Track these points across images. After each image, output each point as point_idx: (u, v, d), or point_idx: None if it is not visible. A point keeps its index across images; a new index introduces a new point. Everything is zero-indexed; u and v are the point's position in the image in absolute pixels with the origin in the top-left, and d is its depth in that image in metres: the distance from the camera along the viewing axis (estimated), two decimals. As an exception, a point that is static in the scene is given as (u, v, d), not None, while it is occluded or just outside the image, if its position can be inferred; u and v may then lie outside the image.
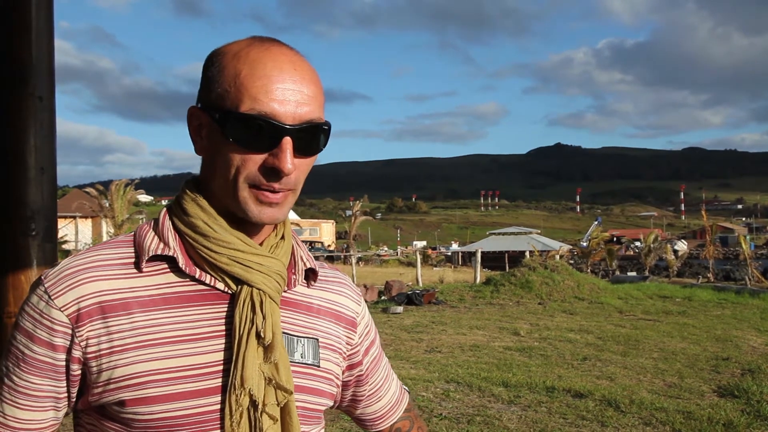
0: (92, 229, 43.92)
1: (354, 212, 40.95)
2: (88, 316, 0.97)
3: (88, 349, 0.97)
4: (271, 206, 0.99)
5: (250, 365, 0.97)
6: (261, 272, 1.02)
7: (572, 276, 18.43)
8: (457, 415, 6.14)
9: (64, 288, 0.98)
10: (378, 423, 1.32)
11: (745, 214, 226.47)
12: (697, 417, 6.00)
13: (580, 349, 9.83)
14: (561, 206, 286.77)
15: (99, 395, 0.99)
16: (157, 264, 1.02)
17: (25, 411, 1.00)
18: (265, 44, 1.00)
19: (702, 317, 13.60)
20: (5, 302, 2.21)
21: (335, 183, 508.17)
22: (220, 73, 0.98)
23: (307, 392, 1.08)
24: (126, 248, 1.04)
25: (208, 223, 1.01)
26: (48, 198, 2.26)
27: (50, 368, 0.98)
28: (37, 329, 0.98)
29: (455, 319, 13.24)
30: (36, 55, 2.22)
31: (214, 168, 1.01)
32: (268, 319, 1.00)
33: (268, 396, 0.99)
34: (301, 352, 1.09)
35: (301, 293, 1.14)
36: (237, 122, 0.95)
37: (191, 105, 1.05)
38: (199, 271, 1.02)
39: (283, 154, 0.96)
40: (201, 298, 1.02)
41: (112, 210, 28.74)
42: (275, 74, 0.96)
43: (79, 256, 1.03)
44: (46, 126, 2.24)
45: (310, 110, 0.98)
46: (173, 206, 1.07)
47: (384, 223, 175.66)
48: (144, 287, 1.00)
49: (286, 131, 0.96)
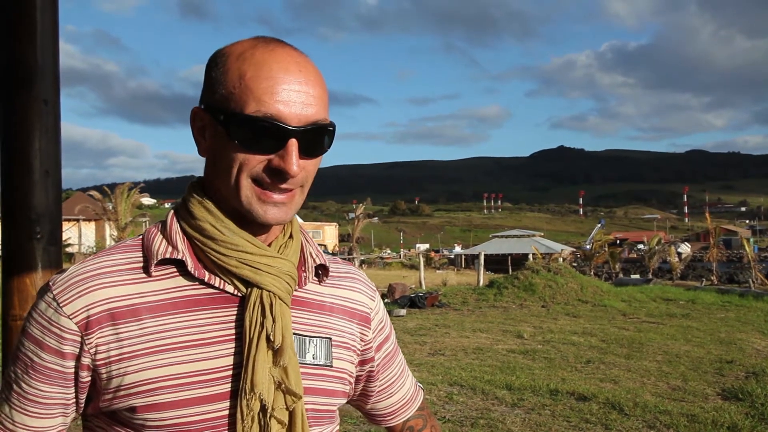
0: (96, 232, 44.01)
1: (357, 215, 40.94)
2: (98, 324, 0.97)
3: (98, 357, 0.97)
4: (276, 206, 0.99)
5: (260, 370, 0.97)
6: (270, 274, 1.01)
7: (575, 279, 18.39)
8: (461, 418, 6.13)
9: (73, 295, 0.97)
10: (388, 419, 1.31)
11: (748, 217, 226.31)
12: (701, 420, 5.98)
13: (584, 351, 9.81)
14: (564, 209, 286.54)
15: (109, 401, 0.98)
16: (166, 268, 1.02)
17: (33, 418, 1.00)
18: (270, 45, 0.99)
19: (706, 320, 13.56)
20: (10, 305, 2.21)
21: (338, 185, 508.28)
22: (225, 75, 0.98)
23: (320, 394, 1.08)
24: (134, 252, 1.03)
25: (216, 226, 1.01)
26: (53, 201, 2.26)
27: (59, 376, 0.98)
28: (46, 337, 0.97)
29: (458, 322, 13.22)
30: (41, 59, 2.22)
31: (219, 169, 1.00)
32: (278, 322, 0.99)
33: (277, 400, 0.99)
34: (313, 353, 1.08)
35: (313, 291, 1.13)
36: (242, 124, 0.95)
37: (194, 106, 1.04)
38: (208, 274, 1.01)
39: (289, 156, 0.95)
40: (210, 301, 1.01)
41: (116, 213, 28.81)
42: (280, 76, 0.95)
43: (87, 262, 1.02)
44: (51, 129, 2.25)
45: (315, 111, 0.97)
46: (180, 209, 1.06)
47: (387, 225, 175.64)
48: (153, 292, 1.00)
49: (292, 133, 0.95)
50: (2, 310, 2.25)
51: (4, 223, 2.23)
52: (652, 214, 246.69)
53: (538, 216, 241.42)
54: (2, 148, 2.23)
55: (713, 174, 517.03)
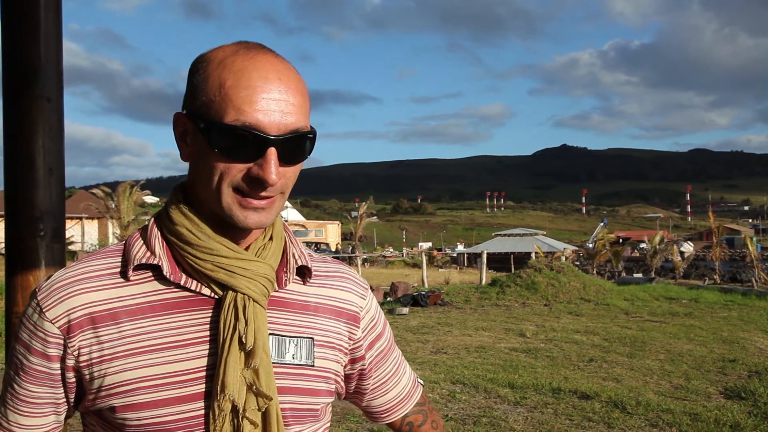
0: (98, 230, 44.05)
1: (360, 213, 40.89)
2: (79, 327, 1.00)
3: (81, 358, 1.01)
4: (256, 212, 1.00)
5: (231, 371, 0.99)
6: (245, 276, 1.02)
7: (578, 277, 18.39)
8: (463, 417, 6.13)
9: (55, 301, 1.01)
10: (384, 416, 1.32)
11: (751, 216, 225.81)
12: (704, 419, 5.98)
13: (587, 350, 9.80)
14: (567, 207, 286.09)
15: (92, 402, 1.03)
16: (144, 272, 1.04)
17: (26, 417, 1.05)
18: (251, 52, 0.99)
19: (708, 319, 13.55)
20: (14, 302, 2.22)
21: (341, 184, 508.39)
22: (205, 82, 0.98)
23: (299, 393, 1.08)
24: (115, 258, 1.06)
25: (192, 231, 1.03)
26: (56, 199, 2.26)
27: (47, 377, 1.03)
28: (33, 341, 1.02)
29: (461, 321, 13.22)
30: (44, 57, 2.22)
31: (200, 175, 1.02)
32: (250, 325, 1.00)
33: (249, 402, 1.00)
34: (293, 353, 1.09)
35: (296, 291, 1.13)
36: (222, 133, 0.96)
37: (177, 111, 1.05)
38: (185, 277, 1.04)
39: (268, 165, 0.96)
40: (187, 304, 1.03)
41: (119, 211, 28.85)
42: (260, 84, 0.96)
43: (70, 268, 1.05)
44: (54, 127, 2.25)
45: (295, 120, 0.98)
46: (161, 214, 1.09)
47: (389, 224, 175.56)
48: (131, 296, 1.03)
49: (271, 142, 0.96)
50: (6, 307, 2.26)
51: (7, 220, 2.23)
52: (655, 213, 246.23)
53: (541, 215, 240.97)
54: (6, 146, 2.24)
55: (716, 173, 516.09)
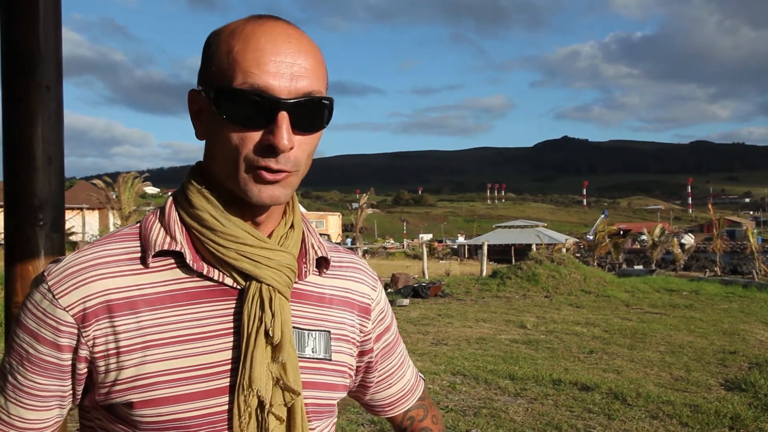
0: (99, 220, 44.09)
1: (360, 205, 40.86)
2: (95, 316, 0.94)
3: (96, 349, 0.94)
4: (270, 186, 0.94)
5: (258, 365, 0.94)
6: (270, 267, 0.97)
7: (579, 269, 18.39)
8: (464, 408, 6.14)
9: (69, 287, 0.94)
10: (387, 410, 1.29)
11: (752, 208, 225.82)
12: (704, 410, 5.98)
13: (587, 342, 9.81)
14: (567, 199, 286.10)
15: (105, 396, 0.96)
16: (164, 259, 0.98)
17: (30, 411, 0.98)
18: (261, 20, 0.95)
19: (709, 311, 13.55)
20: (13, 292, 2.20)
21: (342, 175, 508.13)
22: (216, 52, 0.94)
23: (319, 388, 1.05)
24: (132, 242, 1.00)
25: (215, 216, 0.97)
26: (56, 188, 2.25)
27: (55, 368, 0.96)
28: (42, 329, 0.94)
29: (461, 312, 13.23)
30: (43, 45, 2.20)
31: (215, 152, 0.97)
32: (277, 317, 0.96)
33: (275, 396, 0.96)
34: (312, 347, 1.05)
35: (313, 283, 1.09)
36: (230, 98, 0.91)
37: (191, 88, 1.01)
38: (206, 266, 0.98)
39: (279, 130, 0.90)
40: (209, 294, 0.98)
41: (120, 202, 28.85)
42: (269, 47, 0.91)
43: (83, 252, 0.98)
44: (53, 116, 2.23)
45: (308, 83, 0.92)
46: (179, 196, 1.02)
47: (390, 215, 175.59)
48: (150, 284, 0.97)
49: (282, 105, 0.90)
50: (5, 297, 2.25)
51: (6, 210, 2.22)
52: (655, 205, 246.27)
53: (542, 206, 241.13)
54: (4, 135, 2.22)
55: (717, 165, 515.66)
